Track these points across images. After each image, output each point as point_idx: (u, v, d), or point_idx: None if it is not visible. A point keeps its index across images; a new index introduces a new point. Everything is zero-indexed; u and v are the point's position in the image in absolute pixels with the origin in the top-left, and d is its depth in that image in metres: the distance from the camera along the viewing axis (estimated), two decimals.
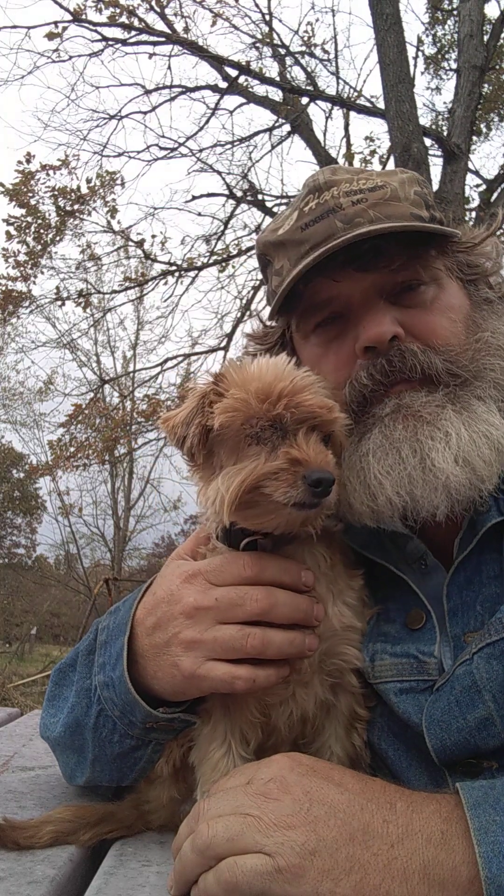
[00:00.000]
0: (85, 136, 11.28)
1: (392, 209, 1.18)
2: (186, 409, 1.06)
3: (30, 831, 1.09)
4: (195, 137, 11.27)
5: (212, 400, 1.04)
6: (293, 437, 1.00)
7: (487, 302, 1.27)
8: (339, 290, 1.21)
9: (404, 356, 1.15)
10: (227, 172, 11.50)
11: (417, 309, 1.21)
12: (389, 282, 1.20)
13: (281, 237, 1.27)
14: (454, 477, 1.07)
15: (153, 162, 11.41)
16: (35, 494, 28.98)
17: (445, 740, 1.05)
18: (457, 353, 1.17)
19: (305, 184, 1.29)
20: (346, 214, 1.18)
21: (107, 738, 1.16)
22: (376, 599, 1.21)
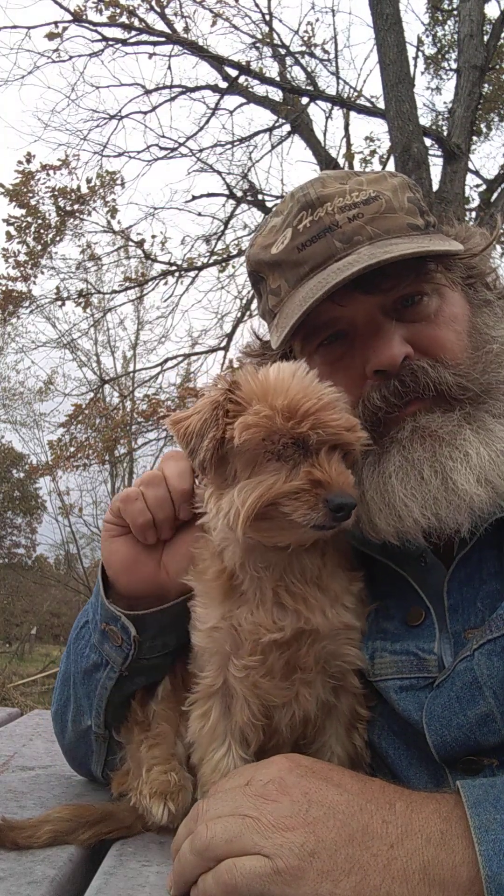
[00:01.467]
0: (85, 136, 11.30)
1: (389, 223, 1.17)
2: (199, 417, 1.02)
3: (28, 831, 1.09)
4: (195, 137, 11.28)
5: (227, 410, 1.00)
6: (315, 455, 0.97)
7: (487, 303, 1.26)
8: (343, 312, 1.19)
9: (416, 375, 1.14)
10: (227, 172, 11.52)
11: (422, 323, 1.19)
12: (389, 300, 1.18)
13: (276, 257, 1.24)
14: (477, 497, 1.07)
15: (153, 162, 11.42)
16: (35, 494, 28.97)
17: (446, 736, 1.05)
18: (466, 366, 1.15)
19: (295, 198, 1.25)
20: (343, 233, 1.16)
21: (80, 652, 1.31)
22: (375, 596, 1.21)
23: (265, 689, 1.09)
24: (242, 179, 11.64)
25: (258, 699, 1.10)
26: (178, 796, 1.11)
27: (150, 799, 1.10)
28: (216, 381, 1.07)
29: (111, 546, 1.24)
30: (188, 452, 1.04)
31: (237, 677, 1.08)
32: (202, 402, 1.04)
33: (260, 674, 1.07)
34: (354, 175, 1.26)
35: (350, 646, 1.12)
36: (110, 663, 1.25)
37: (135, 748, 1.21)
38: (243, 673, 1.07)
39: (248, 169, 11.57)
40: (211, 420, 1.00)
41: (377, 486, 1.12)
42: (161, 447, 13.34)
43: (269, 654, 1.06)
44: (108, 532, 1.24)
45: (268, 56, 10.87)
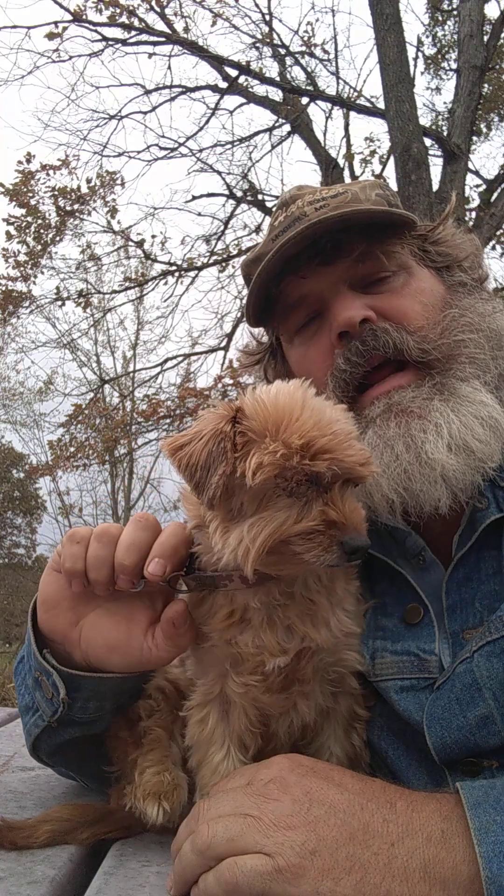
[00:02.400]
0: (85, 136, 11.29)
1: (352, 208, 1.22)
2: (203, 447, 0.94)
3: (27, 831, 1.09)
4: (195, 137, 11.28)
5: (235, 442, 0.93)
6: (328, 491, 0.92)
7: (462, 285, 1.30)
8: (309, 287, 1.26)
9: (376, 334, 1.18)
10: (227, 172, 11.52)
11: (388, 294, 1.25)
12: (355, 273, 1.24)
13: (257, 253, 1.33)
14: (450, 465, 1.08)
15: (153, 162, 11.42)
16: (35, 494, 28.97)
17: (446, 738, 1.05)
18: (426, 330, 1.19)
19: (276, 203, 1.36)
20: (309, 219, 1.22)
21: (19, 687, 1.21)
22: (374, 593, 1.21)
23: (263, 702, 1.08)
24: (242, 179, 11.64)
25: (256, 709, 1.09)
26: (172, 796, 1.10)
27: (143, 801, 1.09)
28: (217, 405, 1.01)
29: (46, 577, 1.14)
30: (193, 485, 0.95)
31: (236, 691, 1.08)
32: (203, 426, 0.96)
33: (260, 691, 1.06)
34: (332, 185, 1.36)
35: (349, 650, 1.11)
36: (40, 711, 1.16)
37: (130, 766, 1.19)
38: (243, 689, 1.07)
39: (248, 169, 11.59)
40: (218, 454, 0.93)
41: None
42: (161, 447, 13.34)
43: (270, 675, 1.05)
44: (51, 563, 1.14)
45: (268, 56, 10.89)
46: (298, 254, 1.22)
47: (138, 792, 1.10)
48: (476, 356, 1.17)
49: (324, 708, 1.13)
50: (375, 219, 1.22)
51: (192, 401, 11.13)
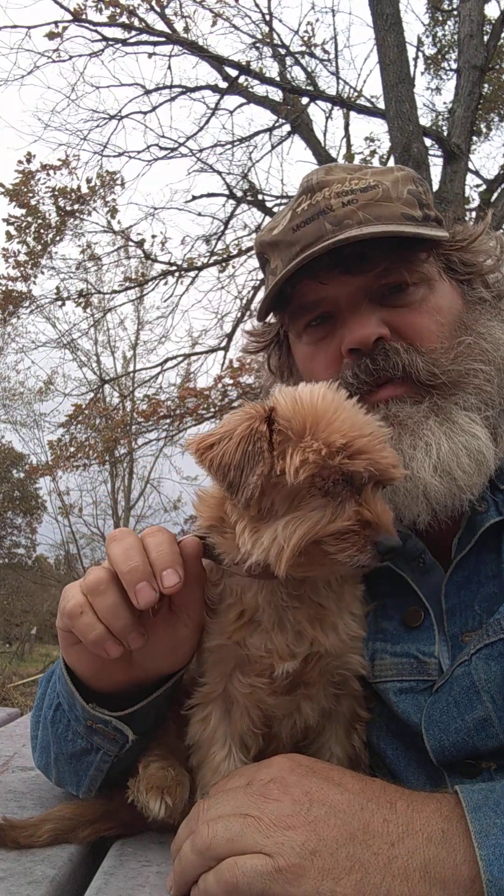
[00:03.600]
0: (85, 136, 11.28)
1: (382, 210, 1.18)
2: (236, 446, 0.93)
3: (29, 830, 1.09)
4: (195, 137, 11.27)
5: (271, 441, 0.93)
6: (360, 492, 0.93)
7: (482, 302, 1.27)
8: (327, 292, 1.23)
9: (388, 355, 1.17)
10: (227, 172, 11.51)
11: (405, 309, 1.21)
12: (375, 284, 1.21)
13: (275, 237, 1.28)
14: (432, 486, 1.09)
15: (153, 162, 11.40)
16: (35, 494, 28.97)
17: (444, 741, 1.05)
18: (438, 354, 1.17)
19: (301, 183, 1.30)
20: (335, 216, 1.18)
21: (62, 735, 1.14)
22: (374, 596, 1.21)
23: (268, 704, 1.08)
24: (242, 179, 11.64)
25: (259, 710, 1.09)
26: (175, 791, 1.09)
27: (146, 794, 1.09)
28: (247, 404, 0.99)
29: (70, 655, 1.07)
30: (226, 485, 0.93)
31: (241, 692, 1.08)
32: (233, 426, 0.95)
33: (265, 693, 1.06)
34: (364, 167, 1.28)
35: (353, 654, 1.11)
36: (102, 750, 1.12)
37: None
38: (248, 690, 1.07)
39: (248, 169, 11.58)
40: (255, 453, 0.91)
41: None
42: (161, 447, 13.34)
43: (277, 678, 1.05)
44: (64, 640, 1.06)
45: (268, 56, 10.88)
46: (319, 258, 1.17)
47: (141, 785, 1.10)
48: (483, 388, 1.16)
49: (326, 709, 1.13)
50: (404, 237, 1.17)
51: (192, 401, 11.12)
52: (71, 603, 0.98)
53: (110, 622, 0.97)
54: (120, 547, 0.99)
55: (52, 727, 1.17)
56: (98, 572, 0.99)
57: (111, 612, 0.97)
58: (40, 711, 1.27)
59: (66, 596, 1.00)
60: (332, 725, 1.15)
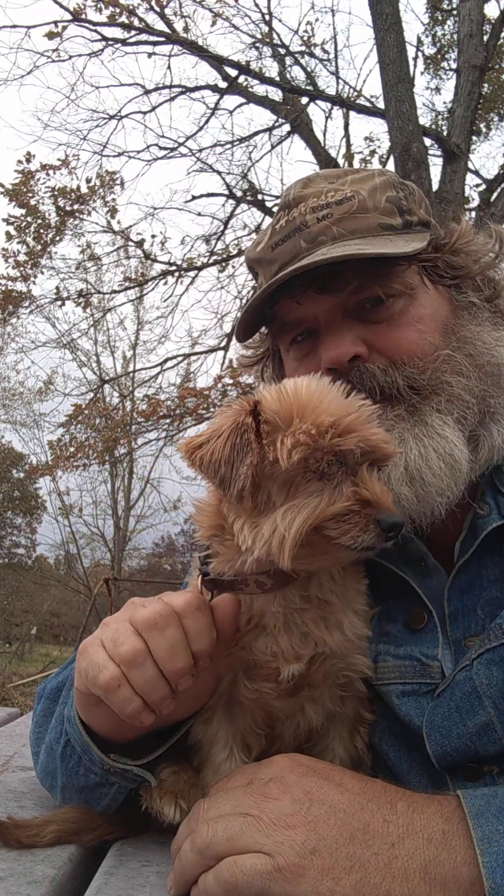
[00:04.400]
0: (85, 136, 11.28)
1: (357, 223, 1.18)
2: (223, 442, 0.93)
3: (33, 830, 1.09)
4: (195, 137, 11.27)
5: (258, 432, 0.93)
6: (355, 473, 0.92)
7: (470, 306, 1.25)
8: (304, 311, 1.23)
9: (362, 377, 1.16)
10: (226, 172, 11.51)
11: (383, 324, 1.20)
12: (352, 301, 1.20)
13: (258, 254, 1.29)
14: (404, 496, 1.10)
15: (153, 162, 11.40)
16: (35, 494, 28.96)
17: (446, 746, 1.05)
18: (419, 368, 1.17)
19: (281, 197, 1.31)
20: (310, 233, 1.19)
21: (73, 770, 1.12)
22: (377, 598, 1.20)
23: (273, 706, 1.08)
24: (242, 179, 11.63)
25: (263, 712, 1.09)
26: (189, 794, 1.09)
27: (160, 800, 1.08)
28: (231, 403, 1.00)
29: (89, 714, 1.04)
30: (217, 482, 0.93)
31: (246, 696, 1.07)
32: (220, 424, 0.95)
33: (271, 696, 1.06)
34: (345, 174, 1.27)
35: (359, 654, 1.11)
36: (117, 785, 1.10)
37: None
38: (255, 695, 1.06)
39: (248, 169, 11.58)
40: (243, 445, 0.91)
41: None
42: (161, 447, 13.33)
43: (284, 681, 1.05)
44: (84, 701, 1.02)
45: (268, 56, 10.87)
46: (293, 278, 1.17)
47: (154, 791, 1.09)
48: (459, 396, 1.15)
49: (330, 711, 1.12)
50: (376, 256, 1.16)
51: (192, 401, 11.11)
52: (105, 675, 0.93)
53: (148, 695, 0.95)
54: (165, 641, 0.94)
55: (61, 761, 1.14)
56: (132, 642, 0.94)
57: (149, 687, 0.94)
58: (42, 731, 1.26)
59: (95, 663, 0.95)
60: (336, 727, 1.15)
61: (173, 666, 0.94)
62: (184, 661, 0.95)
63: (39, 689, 1.36)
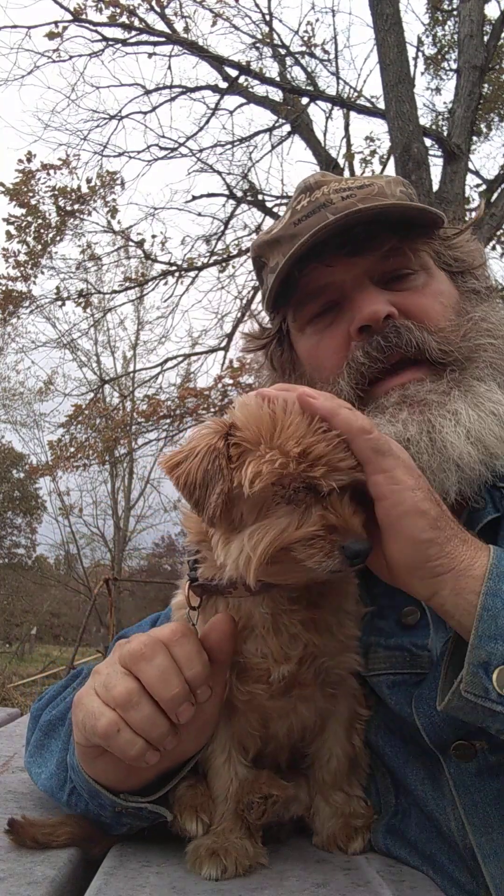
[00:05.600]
0: (85, 136, 11.28)
1: (380, 202, 1.23)
2: (199, 464, 0.93)
3: (47, 829, 1.10)
4: (195, 137, 11.27)
5: (230, 456, 0.92)
6: (327, 497, 0.91)
7: (475, 292, 1.31)
8: (333, 276, 1.25)
9: (399, 332, 1.18)
10: (227, 172, 11.51)
11: (409, 291, 1.25)
12: (380, 268, 1.24)
13: (275, 235, 1.31)
14: (467, 454, 1.09)
15: (153, 162, 11.40)
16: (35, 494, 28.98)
17: (433, 717, 1.05)
18: (448, 332, 1.20)
19: (298, 186, 1.34)
20: (336, 208, 1.22)
21: (82, 813, 1.12)
22: (371, 595, 1.21)
23: (265, 707, 1.08)
24: (242, 179, 11.64)
25: (256, 713, 1.09)
26: (208, 807, 1.08)
27: (181, 815, 1.06)
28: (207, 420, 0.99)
29: (95, 768, 1.02)
30: (192, 503, 0.94)
31: (239, 699, 1.07)
32: (197, 442, 0.95)
33: (264, 698, 1.06)
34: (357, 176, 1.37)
35: (348, 652, 1.11)
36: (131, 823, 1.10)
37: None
38: (247, 697, 1.07)
39: (248, 169, 11.58)
40: (215, 472, 0.91)
41: None
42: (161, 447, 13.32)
43: (275, 682, 1.05)
44: (87, 754, 1.00)
45: (268, 56, 10.87)
46: (326, 241, 1.19)
47: (175, 807, 1.08)
48: (495, 361, 1.19)
49: (324, 709, 1.13)
50: (408, 215, 1.22)
51: (192, 401, 11.12)
52: (103, 722, 0.91)
53: (149, 734, 0.93)
54: (154, 669, 0.94)
55: (66, 806, 1.13)
56: (124, 683, 0.93)
57: (148, 724, 0.93)
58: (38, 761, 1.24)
59: (91, 713, 0.93)
60: (333, 725, 1.15)
61: (167, 693, 0.93)
62: (177, 686, 0.93)
63: (34, 708, 1.35)
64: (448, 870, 1.05)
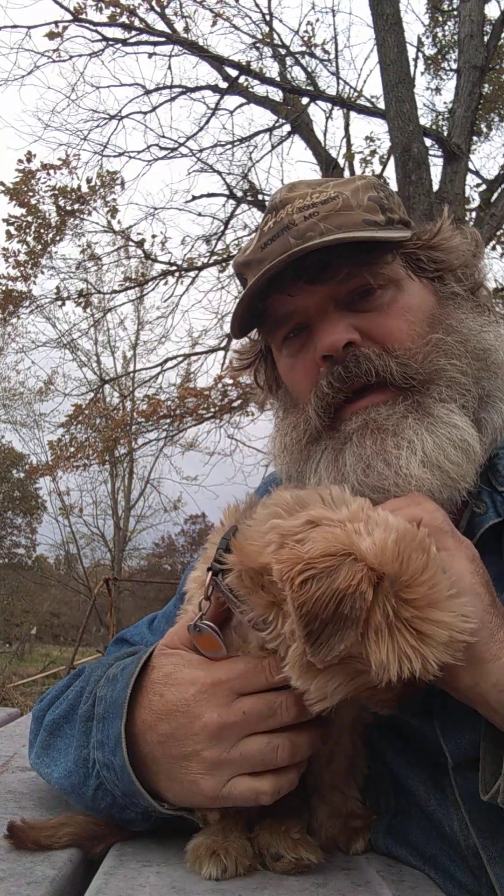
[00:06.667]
0: (85, 136, 11.29)
1: (343, 218, 1.20)
2: (332, 600, 0.83)
3: (48, 831, 1.09)
4: (195, 137, 11.28)
5: (369, 613, 0.84)
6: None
7: (454, 296, 1.28)
8: (296, 303, 1.24)
9: (359, 361, 1.17)
10: (227, 172, 11.52)
11: (374, 313, 1.22)
12: (342, 290, 1.22)
13: (247, 258, 1.31)
14: (425, 479, 1.09)
15: (153, 162, 11.42)
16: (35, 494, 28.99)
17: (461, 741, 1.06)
18: (411, 355, 1.18)
19: (267, 203, 1.33)
20: (298, 230, 1.20)
21: (105, 810, 1.12)
22: None
23: None
24: (242, 179, 11.64)
25: None
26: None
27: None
28: (350, 524, 0.91)
29: (234, 790, 1.01)
30: (305, 634, 0.84)
31: None
32: (334, 563, 0.84)
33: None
34: (327, 180, 1.31)
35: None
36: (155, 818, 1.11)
37: None
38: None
39: (249, 169, 11.59)
40: (351, 619, 0.82)
41: (336, 481, 1.13)
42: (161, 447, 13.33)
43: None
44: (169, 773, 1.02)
45: (268, 56, 10.87)
46: (283, 271, 1.19)
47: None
48: (457, 380, 1.17)
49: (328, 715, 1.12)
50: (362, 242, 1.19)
51: (192, 401, 11.13)
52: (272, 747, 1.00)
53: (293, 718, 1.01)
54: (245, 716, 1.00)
55: (91, 801, 1.13)
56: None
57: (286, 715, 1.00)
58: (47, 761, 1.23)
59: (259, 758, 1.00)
60: (335, 728, 1.14)
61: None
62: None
63: (36, 710, 1.34)
64: (449, 870, 1.05)
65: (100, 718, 1.10)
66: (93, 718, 1.12)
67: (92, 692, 1.16)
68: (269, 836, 1.05)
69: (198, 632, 1.04)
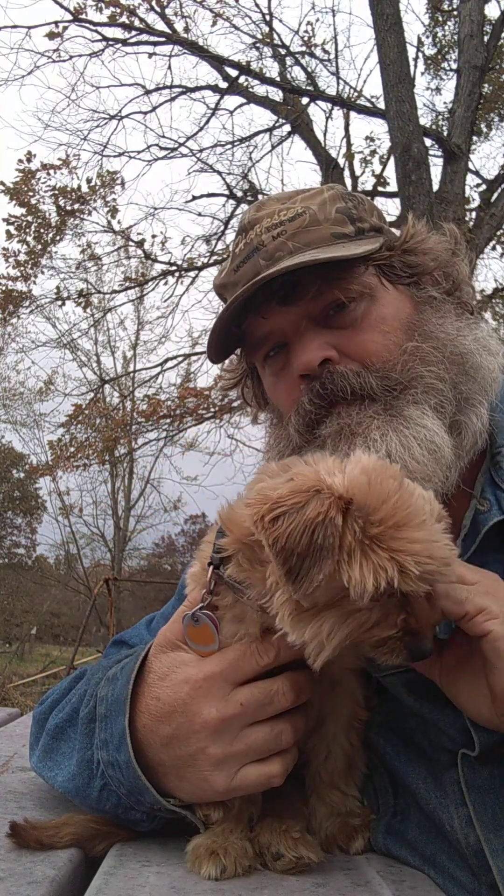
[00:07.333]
0: (85, 136, 11.30)
1: (310, 235, 1.21)
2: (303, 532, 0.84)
3: (50, 831, 1.09)
4: (195, 137, 11.29)
5: (342, 536, 0.85)
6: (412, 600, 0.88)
7: (431, 300, 1.28)
8: (270, 325, 1.26)
9: (334, 379, 1.18)
10: (227, 172, 11.53)
11: (349, 329, 1.23)
12: (315, 308, 1.23)
13: (223, 280, 1.32)
14: None
15: (153, 162, 11.43)
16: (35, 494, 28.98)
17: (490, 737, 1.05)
18: (390, 367, 1.19)
19: (238, 223, 1.34)
20: (267, 251, 1.22)
21: (110, 811, 1.11)
22: None
23: None
24: (242, 179, 11.65)
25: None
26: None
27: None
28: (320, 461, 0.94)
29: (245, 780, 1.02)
30: (284, 571, 0.85)
31: None
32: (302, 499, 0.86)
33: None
34: (296, 194, 1.30)
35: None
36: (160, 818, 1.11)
37: None
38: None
39: (249, 169, 11.60)
40: (325, 547, 0.83)
41: None
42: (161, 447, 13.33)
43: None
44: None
45: (268, 56, 10.88)
46: (254, 295, 1.20)
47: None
48: (433, 385, 1.17)
49: (321, 707, 1.13)
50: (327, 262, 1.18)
51: (192, 401, 11.13)
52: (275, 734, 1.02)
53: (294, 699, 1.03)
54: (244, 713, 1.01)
55: (96, 803, 1.12)
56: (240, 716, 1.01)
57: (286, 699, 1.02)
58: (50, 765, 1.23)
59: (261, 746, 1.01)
60: (331, 723, 1.15)
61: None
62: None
63: (37, 712, 1.34)
64: (449, 870, 1.05)
65: (102, 718, 1.10)
66: (95, 719, 1.12)
67: (93, 694, 1.16)
68: (269, 835, 1.06)
69: (194, 621, 1.04)
